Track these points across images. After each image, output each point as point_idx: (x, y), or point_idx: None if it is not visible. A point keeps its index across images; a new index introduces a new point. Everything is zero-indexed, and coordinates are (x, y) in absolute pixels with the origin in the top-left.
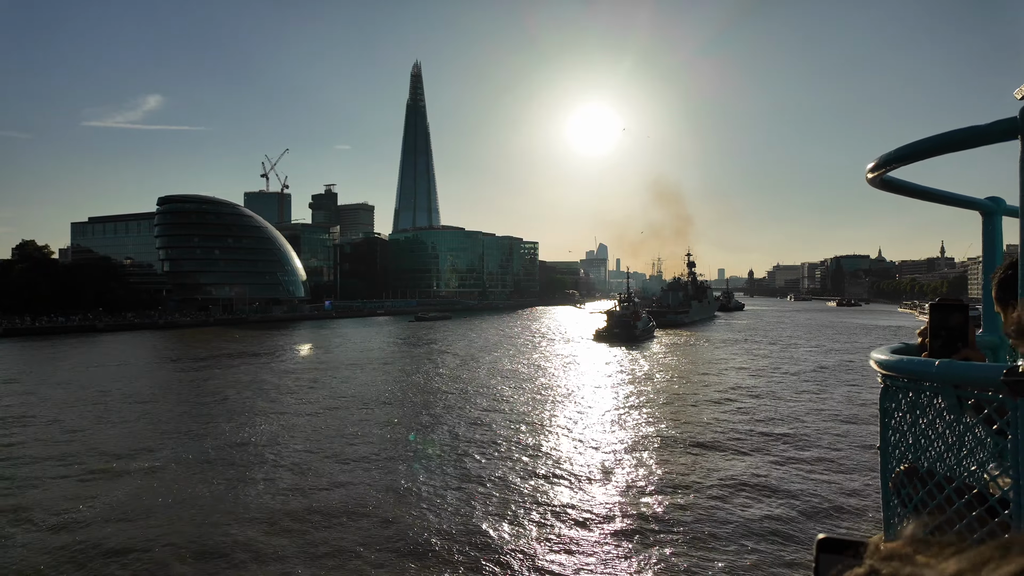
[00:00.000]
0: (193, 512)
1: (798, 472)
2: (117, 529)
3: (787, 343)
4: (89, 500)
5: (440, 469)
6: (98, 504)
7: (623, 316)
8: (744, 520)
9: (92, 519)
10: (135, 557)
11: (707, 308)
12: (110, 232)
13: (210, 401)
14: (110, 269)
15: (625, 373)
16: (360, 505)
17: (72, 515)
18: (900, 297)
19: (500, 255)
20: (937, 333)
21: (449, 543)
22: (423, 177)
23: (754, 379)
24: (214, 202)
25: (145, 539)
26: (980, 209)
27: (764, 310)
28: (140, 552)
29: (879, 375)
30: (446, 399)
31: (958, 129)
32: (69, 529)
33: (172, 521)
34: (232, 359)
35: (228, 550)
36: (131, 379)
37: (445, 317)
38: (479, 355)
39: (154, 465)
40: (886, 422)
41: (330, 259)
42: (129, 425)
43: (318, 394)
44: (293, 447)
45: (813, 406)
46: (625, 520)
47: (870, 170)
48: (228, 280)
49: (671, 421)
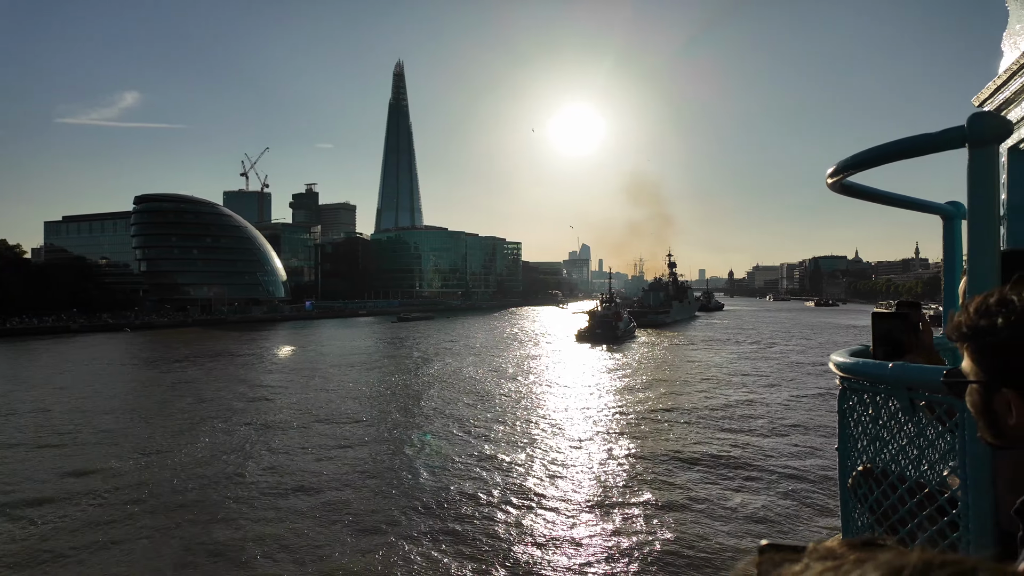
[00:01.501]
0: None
1: (768, 471)
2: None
3: (766, 343)
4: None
5: (431, 470)
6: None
7: (605, 316)
8: (708, 521)
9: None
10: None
11: (687, 308)
12: (85, 231)
13: (176, 412)
14: (85, 269)
15: (608, 373)
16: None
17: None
18: (876, 297)
19: (483, 255)
20: (880, 342)
21: (431, 543)
22: (406, 177)
23: (731, 378)
24: (192, 201)
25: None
26: (941, 213)
27: (743, 310)
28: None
29: (837, 377)
30: (430, 402)
31: (910, 137)
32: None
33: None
34: (209, 360)
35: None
36: (98, 381)
37: (428, 317)
38: (463, 356)
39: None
40: (844, 423)
41: (311, 259)
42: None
43: (296, 397)
44: (271, 459)
45: (789, 405)
46: (597, 521)
47: (829, 175)
48: (207, 280)
49: (655, 421)
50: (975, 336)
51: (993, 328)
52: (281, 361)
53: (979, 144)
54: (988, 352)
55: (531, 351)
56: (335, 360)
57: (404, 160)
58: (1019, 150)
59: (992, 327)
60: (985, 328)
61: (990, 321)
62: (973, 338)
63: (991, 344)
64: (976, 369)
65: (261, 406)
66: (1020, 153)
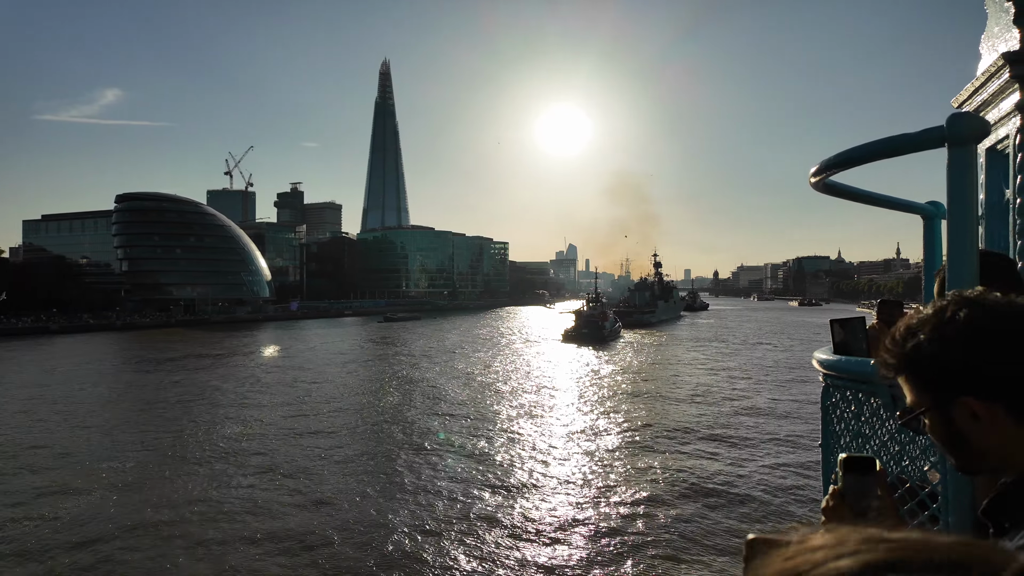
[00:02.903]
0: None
1: (754, 464)
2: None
3: (752, 342)
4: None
5: (421, 472)
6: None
7: (591, 316)
8: (689, 517)
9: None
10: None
11: (673, 308)
12: (65, 230)
13: (156, 418)
14: (65, 268)
15: (597, 373)
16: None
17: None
18: (859, 297)
19: (470, 255)
20: (840, 349)
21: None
22: (392, 176)
23: (714, 377)
24: (175, 200)
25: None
26: (921, 213)
27: (728, 309)
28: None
29: (821, 374)
30: (420, 402)
31: (891, 136)
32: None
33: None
34: (192, 361)
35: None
36: (76, 383)
37: (415, 317)
38: (452, 355)
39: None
40: (827, 419)
41: (296, 259)
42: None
43: (281, 398)
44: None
45: (773, 400)
46: (583, 521)
47: (812, 175)
48: (190, 280)
49: (643, 420)
50: (906, 363)
51: (919, 347)
52: (266, 363)
53: (958, 143)
54: (925, 372)
55: (519, 351)
56: (323, 361)
57: (390, 159)
58: (996, 151)
59: (917, 346)
60: (912, 350)
61: (914, 342)
62: (906, 366)
63: (924, 363)
64: (922, 396)
65: (246, 411)
66: (997, 154)
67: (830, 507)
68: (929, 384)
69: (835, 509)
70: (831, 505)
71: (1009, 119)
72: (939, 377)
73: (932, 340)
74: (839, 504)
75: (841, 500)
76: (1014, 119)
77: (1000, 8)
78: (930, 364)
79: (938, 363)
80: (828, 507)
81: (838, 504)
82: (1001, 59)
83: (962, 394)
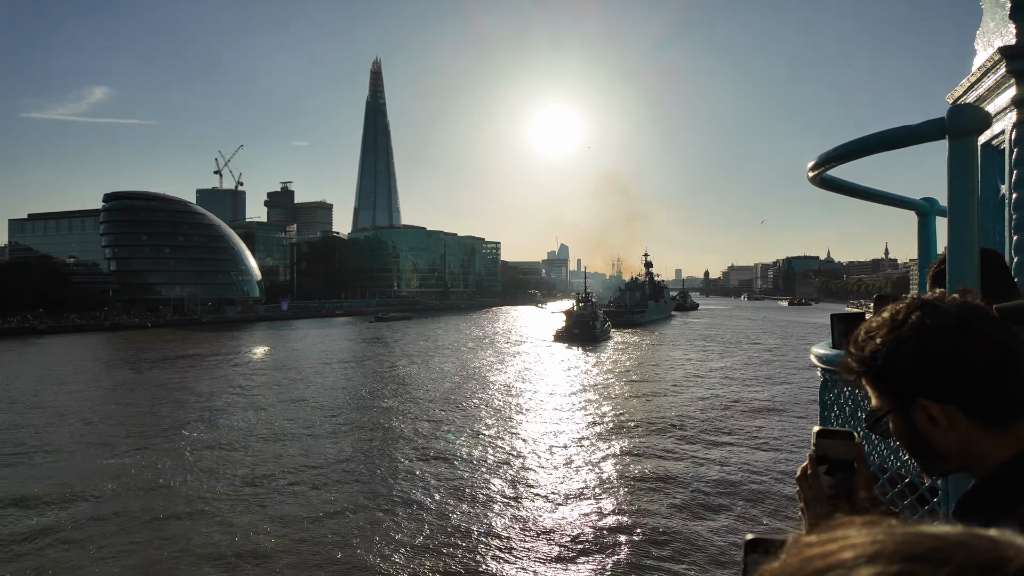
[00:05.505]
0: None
1: (753, 464)
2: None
3: (744, 342)
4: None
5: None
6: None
7: (582, 316)
8: (685, 519)
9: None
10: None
11: (664, 308)
12: (52, 230)
13: (146, 423)
14: (51, 268)
15: (589, 372)
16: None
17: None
18: (848, 296)
19: (462, 255)
20: (839, 344)
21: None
22: (383, 175)
23: (704, 377)
24: (164, 199)
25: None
26: (916, 209)
27: (718, 309)
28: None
29: (819, 369)
30: (414, 403)
31: (891, 129)
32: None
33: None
34: (179, 361)
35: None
36: (61, 385)
37: (406, 317)
38: (443, 356)
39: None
40: (825, 414)
41: (287, 258)
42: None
43: (272, 398)
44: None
45: (769, 397)
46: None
47: (810, 168)
48: (179, 280)
49: (633, 419)
50: (867, 367)
51: (876, 350)
52: (256, 363)
53: (959, 135)
54: (885, 375)
55: (511, 350)
56: (313, 360)
57: (382, 159)
58: (991, 146)
59: (875, 350)
60: (870, 354)
61: (872, 346)
62: (866, 370)
63: (881, 366)
64: (883, 399)
65: (236, 412)
66: (993, 149)
67: (804, 474)
68: (887, 387)
69: (812, 476)
70: (807, 472)
71: (1005, 114)
72: (896, 380)
73: (887, 343)
74: (815, 471)
75: (815, 465)
76: (1010, 114)
77: (996, 3)
78: (886, 367)
79: (893, 366)
80: (803, 475)
81: (814, 471)
82: (998, 54)
83: (918, 396)
